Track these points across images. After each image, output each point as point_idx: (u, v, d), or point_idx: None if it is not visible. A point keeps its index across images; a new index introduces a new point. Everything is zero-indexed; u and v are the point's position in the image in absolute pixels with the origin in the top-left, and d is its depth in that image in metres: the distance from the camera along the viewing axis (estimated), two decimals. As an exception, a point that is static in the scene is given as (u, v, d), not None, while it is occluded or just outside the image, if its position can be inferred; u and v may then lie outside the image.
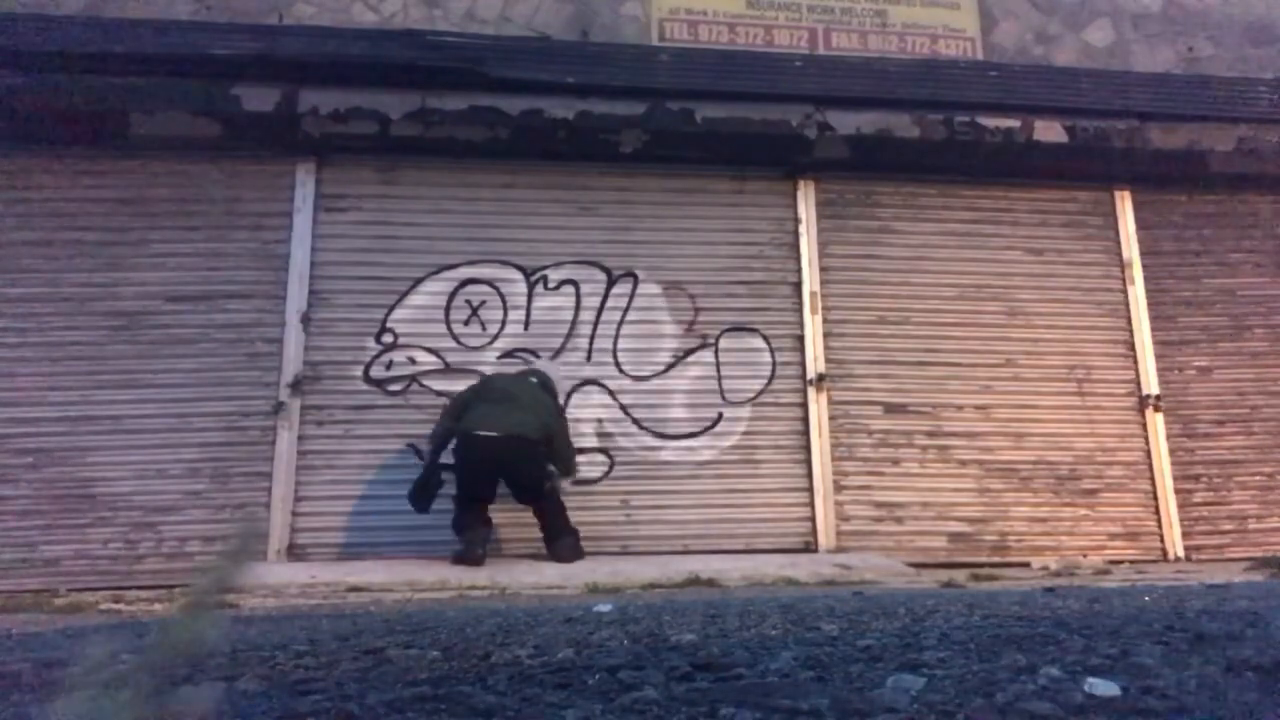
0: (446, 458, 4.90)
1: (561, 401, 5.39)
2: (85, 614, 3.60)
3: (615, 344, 5.71)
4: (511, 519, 5.18)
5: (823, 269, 5.93)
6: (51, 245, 5.36)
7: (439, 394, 5.47)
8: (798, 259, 5.92)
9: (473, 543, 4.75)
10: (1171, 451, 5.92)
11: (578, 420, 5.55)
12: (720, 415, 5.67)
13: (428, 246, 5.66)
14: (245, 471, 5.20)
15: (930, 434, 5.79)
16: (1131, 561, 5.61)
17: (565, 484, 5.20)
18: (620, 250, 5.83)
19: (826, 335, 5.83)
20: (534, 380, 5.14)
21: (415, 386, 5.47)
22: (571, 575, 4.33)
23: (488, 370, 5.55)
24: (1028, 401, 5.91)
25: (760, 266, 5.91)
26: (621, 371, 5.67)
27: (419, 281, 5.61)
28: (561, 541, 4.92)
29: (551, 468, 4.98)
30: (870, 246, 6.04)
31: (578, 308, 5.73)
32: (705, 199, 5.96)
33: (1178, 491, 5.86)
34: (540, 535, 4.99)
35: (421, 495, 4.85)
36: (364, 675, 1.52)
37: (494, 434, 4.71)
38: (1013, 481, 5.78)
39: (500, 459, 4.75)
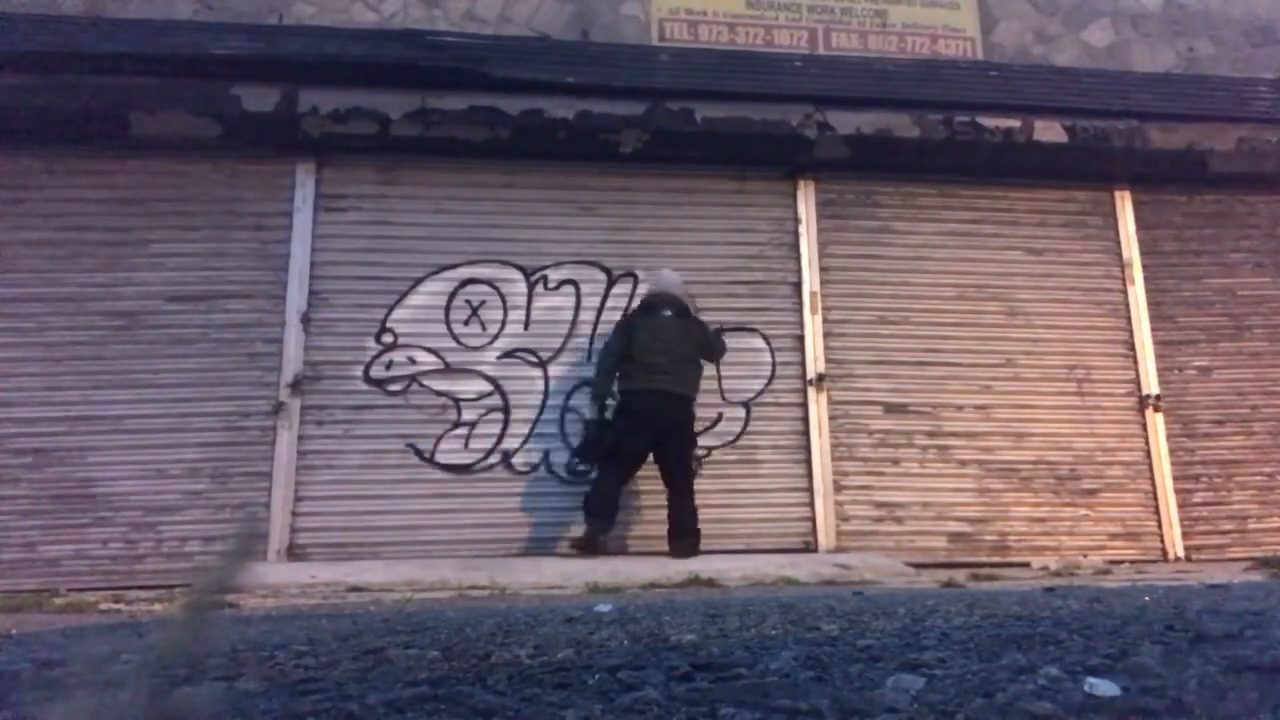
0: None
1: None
2: (85, 614, 3.60)
3: (615, 344, 5.70)
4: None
5: (823, 269, 5.93)
6: (51, 245, 5.36)
7: (439, 394, 5.48)
8: (798, 259, 5.92)
9: (606, 529, 4.94)
10: (1171, 451, 5.92)
11: (578, 420, 5.55)
12: (720, 415, 5.67)
13: (428, 246, 5.66)
14: (245, 471, 5.20)
15: (930, 434, 5.79)
16: (1131, 561, 5.61)
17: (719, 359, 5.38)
18: (620, 250, 5.83)
19: (826, 335, 5.84)
20: (669, 314, 5.11)
21: (415, 386, 5.47)
22: (571, 575, 4.33)
23: (488, 370, 5.55)
24: (1028, 401, 5.91)
25: (760, 266, 5.91)
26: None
27: (419, 281, 5.61)
28: (689, 541, 4.96)
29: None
30: (870, 246, 6.04)
31: (578, 308, 5.73)
32: (705, 199, 5.96)
33: (1178, 491, 5.86)
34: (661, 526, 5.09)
35: (592, 451, 5.06)
36: (364, 675, 1.52)
37: (669, 390, 4.93)
38: (1013, 481, 5.78)
39: (670, 420, 4.95)
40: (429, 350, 5.54)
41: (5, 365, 5.18)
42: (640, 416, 4.95)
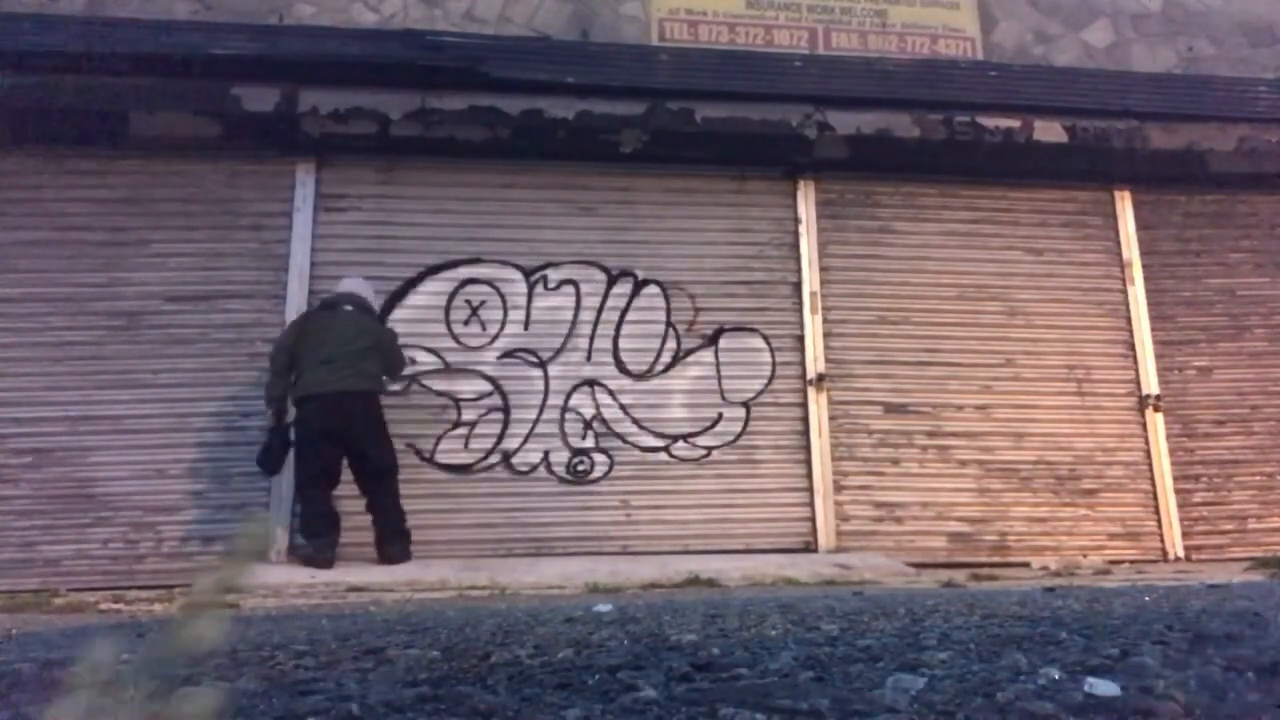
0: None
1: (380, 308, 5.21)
2: (85, 614, 3.60)
3: (615, 344, 5.71)
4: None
5: (823, 269, 5.93)
6: (51, 245, 5.36)
7: (439, 394, 5.48)
8: (798, 259, 5.92)
9: (332, 545, 4.65)
10: (1171, 451, 5.92)
11: (578, 420, 5.56)
12: (720, 415, 5.67)
13: (427, 246, 5.66)
14: (245, 471, 5.19)
15: (930, 434, 5.79)
16: (1131, 561, 5.61)
17: (391, 385, 5.12)
18: (620, 250, 5.83)
19: (826, 335, 5.84)
20: (350, 309, 4.85)
21: (415, 386, 5.47)
22: (571, 575, 4.33)
23: (488, 370, 5.55)
24: (1028, 401, 5.91)
25: (760, 266, 5.91)
26: (621, 371, 5.67)
27: (419, 281, 5.61)
28: (399, 546, 4.73)
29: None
30: (870, 246, 6.04)
31: (578, 308, 5.73)
32: (705, 199, 5.96)
33: (1178, 491, 5.86)
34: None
35: (271, 461, 4.74)
36: (364, 675, 1.52)
37: (334, 391, 4.54)
38: (1013, 481, 5.78)
39: (342, 423, 4.59)
40: (429, 350, 5.54)
41: (5, 365, 5.18)
42: (311, 422, 4.63)
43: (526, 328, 5.66)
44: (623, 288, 5.79)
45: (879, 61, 6.22)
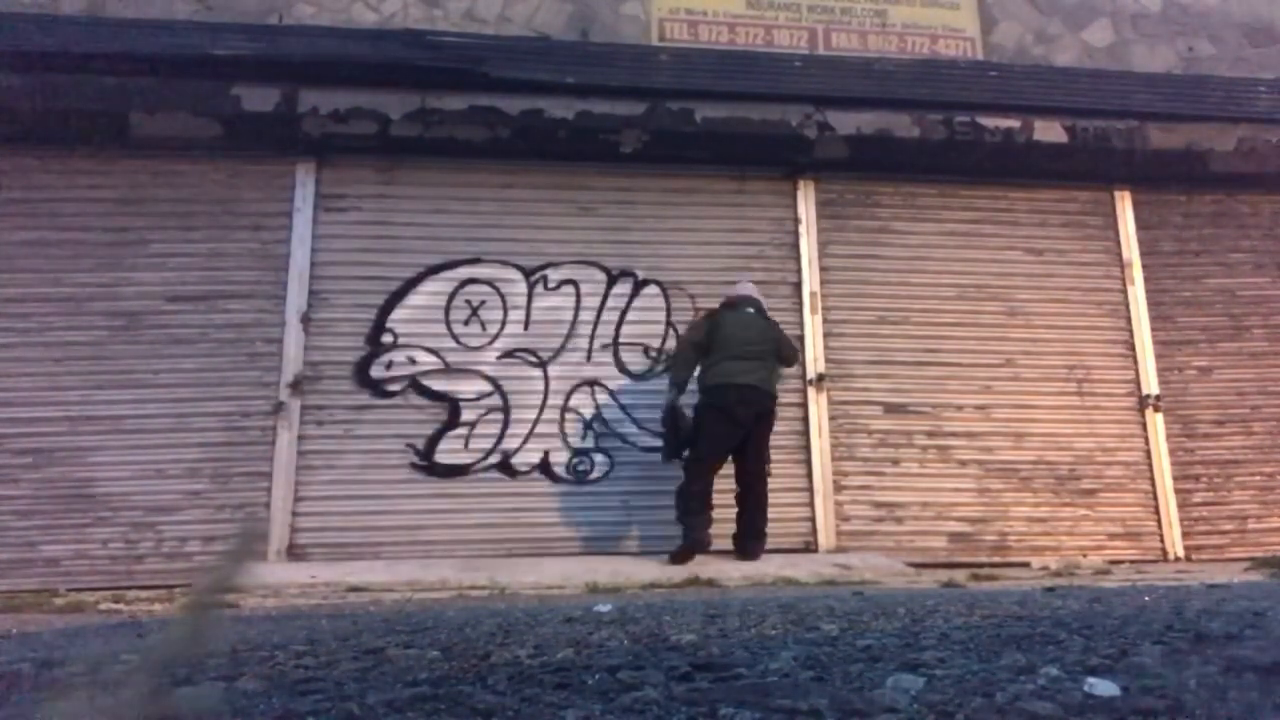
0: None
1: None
2: (85, 614, 3.60)
3: (615, 344, 5.71)
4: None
5: (823, 269, 5.93)
6: (51, 245, 5.36)
7: (439, 394, 5.48)
8: (798, 259, 5.92)
9: (705, 526, 4.81)
10: (1171, 451, 5.92)
11: (578, 420, 5.56)
12: (720, 415, 5.66)
13: (427, 246, 5.66)
14: (245, 471, 5.20)
15: (930, 434, 5.79)
16: (1131, 561, 5.61)
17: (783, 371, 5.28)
18: (620, 250, 5.83)
19: (826, 335, 5.84)
20: (752, 311, 5.08)
21: (415, 387, 5.47)
22: (571, 575, 4.33)
23: (488, 370, 5.55)
24: (1028, 401, 5.91)
25: (760, 266, 5.90)
26: (621, 371, 5.67)
27: (419, 281, 5.61)
28: (759, 543, 4.91)
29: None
30: (870, 246, 6.04)
31: (578, 308, 5.72)
32: (705, 199, 5.96)
33: (1178, 491, 5.86)
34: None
35: (672, 446, 4.96)
36: (364, 675, 1.52)
37: (753, 384, 4.80)
38: (1013, 481, 5.78)
39: (755, 414, 4.83)
40: (429, 350, 5.54)
41: (5, 365, 5.18)
42: (726, 409, 4.81)
43: (526, 328, 5.66)
44: (623, 288, 5.79)
45: (879, 61, 6.22)
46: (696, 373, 4.98)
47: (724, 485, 4.94)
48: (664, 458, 5.07)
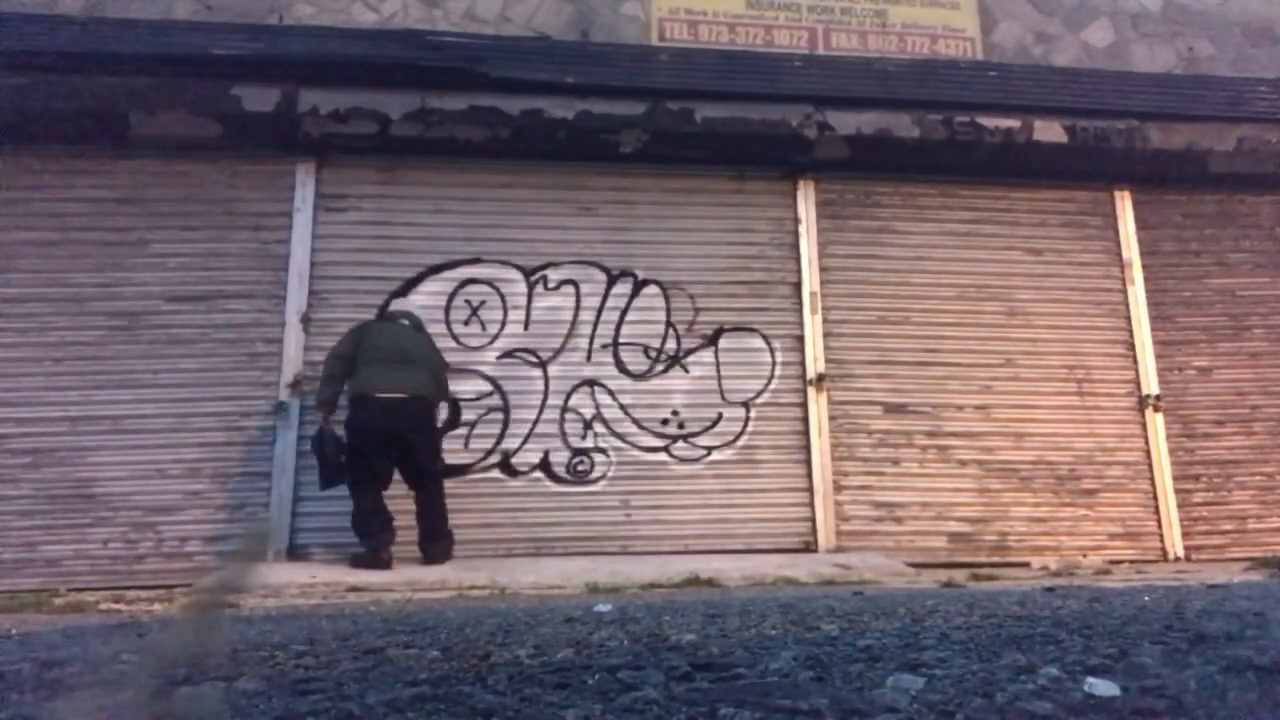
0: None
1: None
2: (85, 614, 3.60)
3: (615, 344, 5.71)
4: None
5: (823, 269, 5.93)
6: (51, 245, 5.36)
7: (439, 394, 5.46)
8: (798, 259, 5.92)
9: (387, 542, 4.67)
10: (1171, 451, 5.92)
11: (578, 420, 5.56)
12: (720, 415, 5.67)
13: (427, 246, 5.66)
14: (245, 471, 5.20)
15: (930, 434, 5.79)
16: (1131, 561, 5.61)
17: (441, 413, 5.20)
18: (620, 250, 5.83)
19: (826, 335, 5.84)
20: (406, 323, 5.01)
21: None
22: (571, 575, 4.33)
23: (488, 370, 5.55)
24: (1028, 401, 5.91)
25: (760, 266, 5.91)
26: (621, 371, 5.67)
27: (419, 281, 5.61)
28: (440, 544, 4.82)
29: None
30: (870, 246, 6.04)
31: (578, 308, 5.73)
32: (705, 199, 5.96)
33: (1178, 491, 5.86)
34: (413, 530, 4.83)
35: (328, 472, 4.70)
36: (364, 675, 1.52)
37: (397, 395, 4.62)
38: (1013, 481, 5.78)
39: (403, 425, 4.64)
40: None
41: (5, 365, 5.18)
42: (368, 423, 4.65)
43: (526, 328, 5.66)
44: (623, 288, 5.79)
45: (879, 61, 6.22)
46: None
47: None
48: (321, 487, 4.78)
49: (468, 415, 5.49)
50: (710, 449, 5.61)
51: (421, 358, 4.87)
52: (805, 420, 5.69)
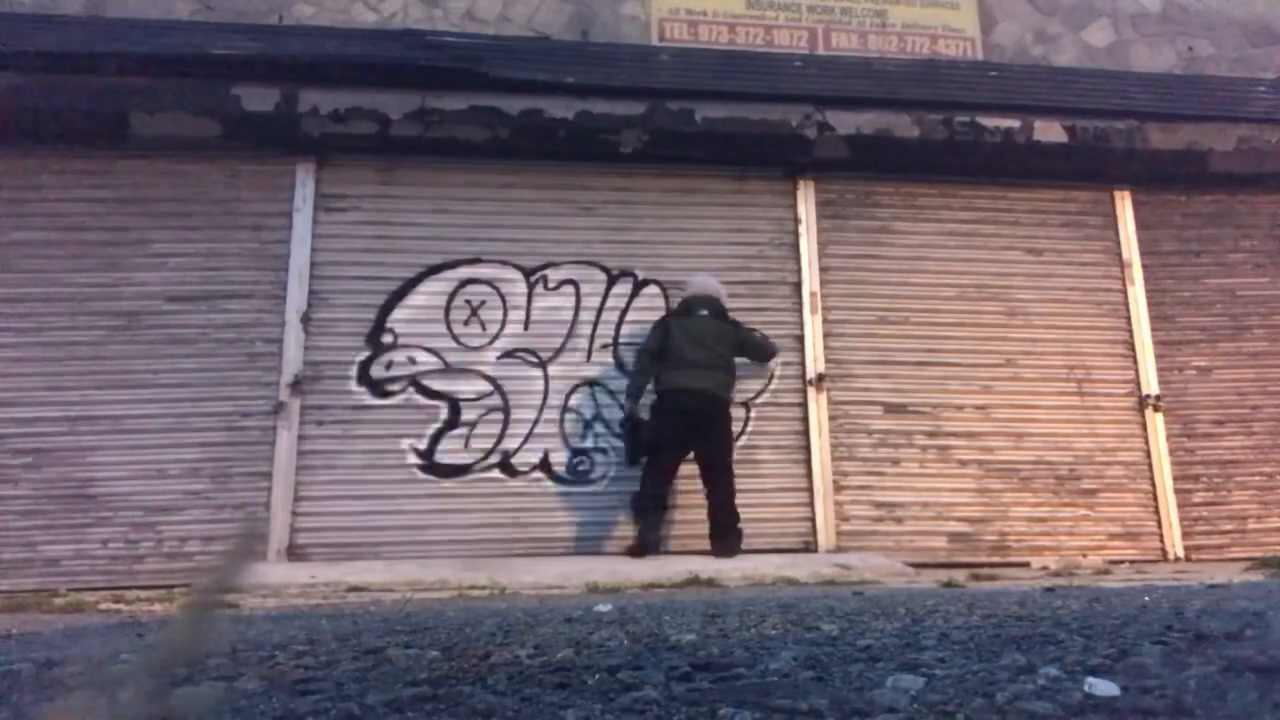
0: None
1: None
2: (85, 614, 3.60)
3: (615, 344, 5.71)
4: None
5: (823, 269, 5.93)
6: (51, 245, 5.36)
7: (439, 394, 5.47)
8: (797, 259, 5.92)
9: (656, 526, 5.04)
10: (1171, 451, 5.92)
11: (578, 420, 5.56)
12: (720, 415, 5.65)
13: (427, 246, 5.66)
14: (245, 471, 5.20)
15: (930, 434, 5.79)
16: (1131, 561, 5.61)
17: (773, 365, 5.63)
18: (620, 250, 5.83)
19: (826, 335, 5.84)
20: (705, 313, 5.21)
21: (415, 387, 5.47)
22: (571, 575, 4.33)
23: (488, 370, 5.55)
24: (1028, 401, 5.91)
25: (760, 266, 5.91)
26: (621, 371, 5.67)
27: (419, 281, 5.61)
28: (730, 540, 4.99)
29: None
30: (870, 246, 6.04)
31: (578, 308, 5.73)
32: (705, 199, 5.96)
33: (1178, 491, 5.86)
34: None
35: (632, 451, 5.17)
36: (364, 675, 1.52)
37: (699, 390, 4.99)
38: (1013, 481, 5.78)
39: (701, 419, 5.02)
40: (429, 350, 5.54)
41: (5, 365, 5.18)
42: (670, 414, 5.04)
43: (526, 328, 5.66)
44: (623, 288, 5.79)
45: (879, 61, 6.23)
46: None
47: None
48: (627, 463, 5.28)
49: (468, 415, 5.49)
50: (710, 449, 5.59)
51: (719, 351, 5.15)
52: (805, 420, 5.69)
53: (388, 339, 5.51)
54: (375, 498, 5.27)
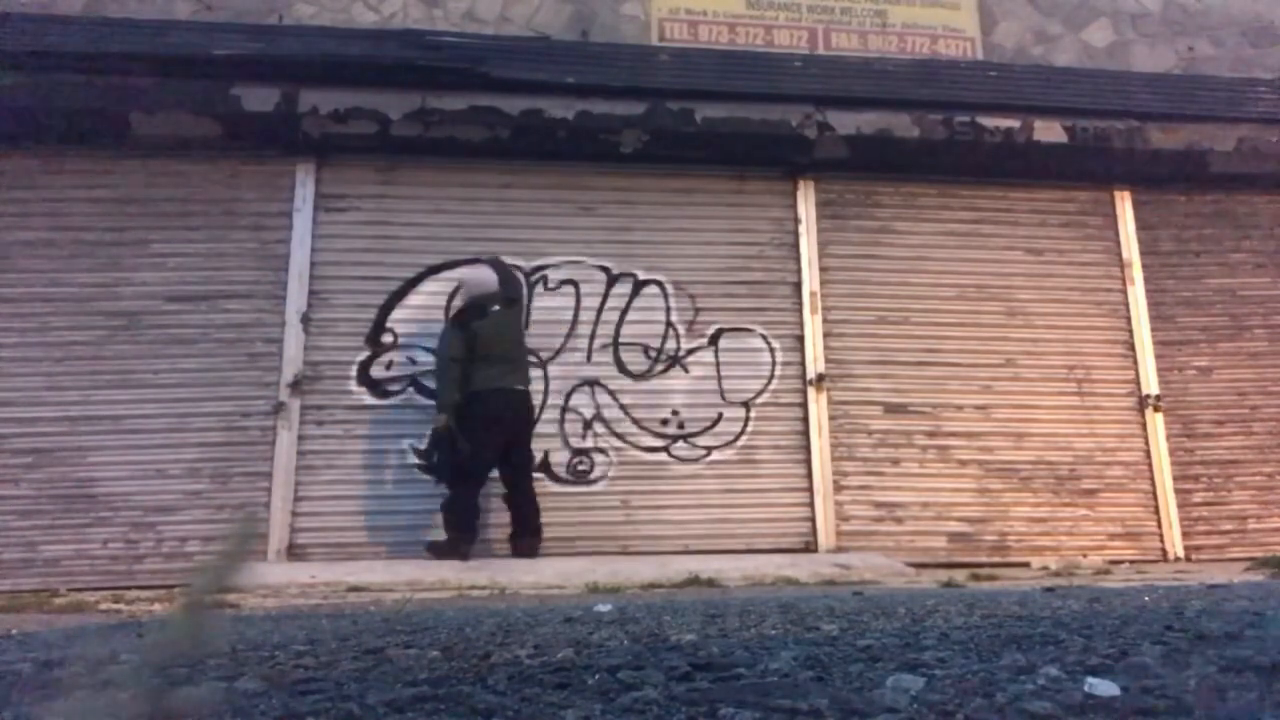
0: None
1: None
2: (85, 614, 3.60)
3: (615, 344, 5.71)
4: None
5: (823, 269, 5.93)
6: (51, 245, 5.36)
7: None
8: (797, 259, 5.92)
9: (471, 540, 4.84)
10: (1171, 451, 5.92)
11: (578, 420, 5.56)
12: (720, 415, 5.67)
13: (427, 246, 5.66)
14: (245, 471, 5.20)
15: (930, 434, 5.79)
16: (1131, 561, 5.61)
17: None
18: (620, 250, 5.83)
19: (826, 335, 5.84)
20: (497, 309, 5.05)
21: (415, 386, 5.46)
22: (571, 575, 4.33)
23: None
24: (1028, 401, 5.91)
25: (760, 266, 5.91)
26: (621, 371, 5.67)
27: (419, 281, 5.61)
28: (530, 540, 4.93)
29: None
30: (870, 246, 6.04)
31: (578, 308, 5.73)
32: (705, 199, 5.96)
33: (1178, 491, 5.86)
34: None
35: (447, 467, 4.90)
36: (364, 675, 1.52)
37: (514, 388, 4.93)
38: (1013, 481, 5.78)
39: (519, 420, 4.95)
40: (429, 350, 5.53)
41: (5, 365, 5.18)
42: (490, 419, 4.85)
43: (527, 328, 5.66)
44: (623, 288, 5.79)
45: (879, 61, 6.22)
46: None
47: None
48: (444, 481, 4.93)
49: (468, 415, 5.48)
50: (710, 449, 5.61)
51: (521, 345, 5.15)
52: (805, 420, 5.69)
53: (388, 339, 5.51)
54: (375, 498, 5.27)
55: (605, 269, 5.79)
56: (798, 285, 5.89)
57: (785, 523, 5.54)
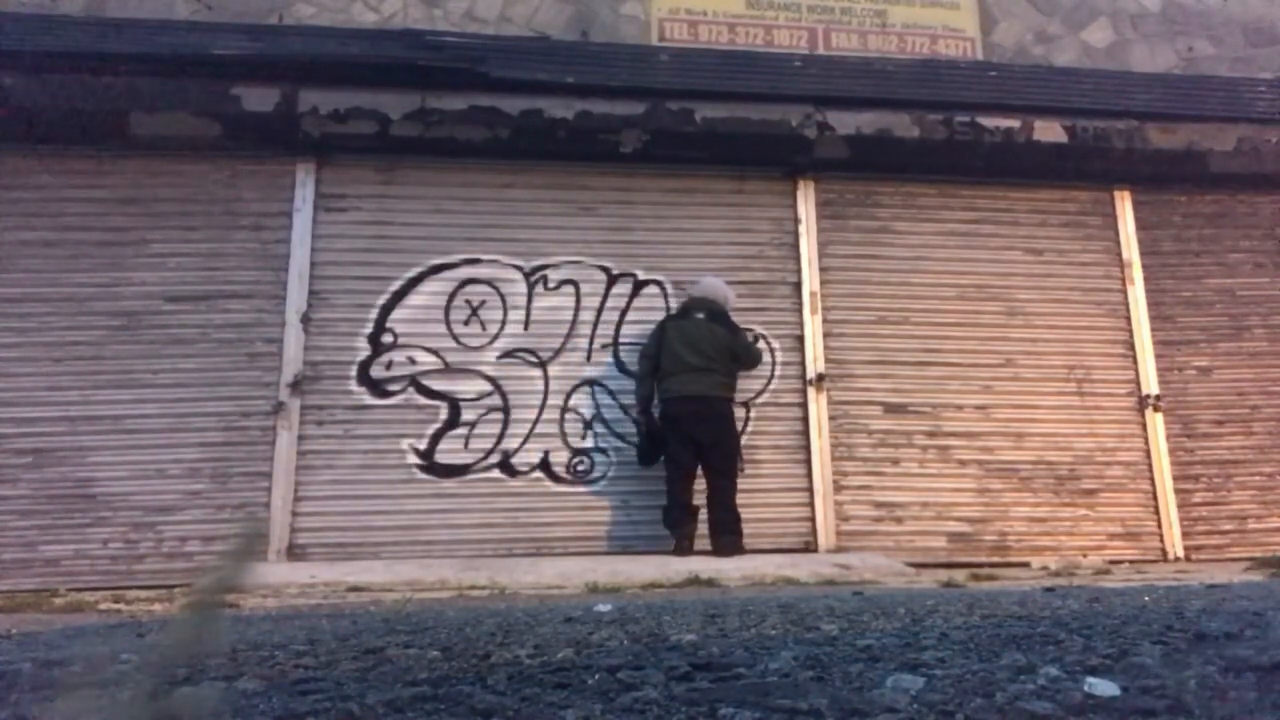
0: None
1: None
2: (85, 614, 3.60)
3: (615, 344, 5.71)
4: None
5: (822, 269, 5.93)
6: (51, 245, 5.36)
7: (439, 394, 5.47)
8: (797, 259, 5.92)
9: (689, 533, 5.04)
10: (1171, 451, 5.92)
11: (578, 420, 5.56)
12: (720, 415, 5.65)
13: (427, 246, 5.66)
14: (245, 471, 5.20)
15: (930, 434, 5.79)
16: (1131, 561, 5.61)
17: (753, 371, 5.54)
18: (620, 250, 5.83)
19: (826, 335, 5.84)
20: (701, 316, 5.22)
21: (415, 387, 5.47)
22: (571, 575, 4.33)
23: (488, 370, 5.55)
24: (1028, 401, 5.91)
25: (760, 266, 5.91)
26: (621, 371, 5.67)
27: (419, 281, 5.61)
28: (729, 539, 5.01)
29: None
30: (870, 246, 6.04)
31: (578, 308, 5.73)
32: (705, 199, 5.96)
33: (1178, 491, 5.86)
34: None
35: (646, 454, 5.23)
36: (364, 675, 1.52)
37: (697, 395, 5.05)
38: (1013, 481, 5.78)
39: (699, 423, 5.06)
40: (429, 350, 5.54)
41: (5, 365, 5.18)
42: (671, 420, 5.11)
43: (526, 328, 5.66)
44: (623, 288, 5.79)
45: (879, 61, 6.22)
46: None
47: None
48: (642, 462, 5.33)
49: (468, 415, 5.49)
50: (710, 449, 5.59)
51: (713, 354, 5.13)
52: (805, 420, 5.69)
53: (388, 339, 5.51)
54: (375, 498, 5.27)
55: (605, 269, 5.79)
56: (798, 285, 5.89)
57: (785, 522, 5.54)
